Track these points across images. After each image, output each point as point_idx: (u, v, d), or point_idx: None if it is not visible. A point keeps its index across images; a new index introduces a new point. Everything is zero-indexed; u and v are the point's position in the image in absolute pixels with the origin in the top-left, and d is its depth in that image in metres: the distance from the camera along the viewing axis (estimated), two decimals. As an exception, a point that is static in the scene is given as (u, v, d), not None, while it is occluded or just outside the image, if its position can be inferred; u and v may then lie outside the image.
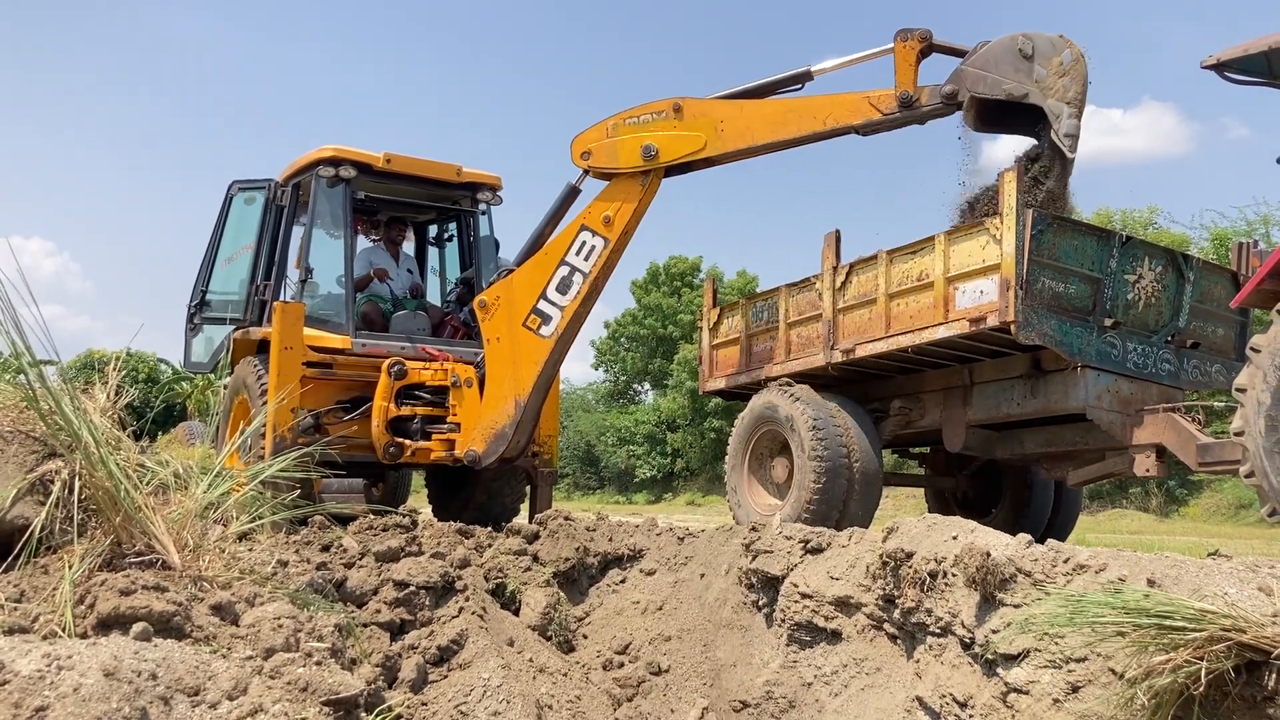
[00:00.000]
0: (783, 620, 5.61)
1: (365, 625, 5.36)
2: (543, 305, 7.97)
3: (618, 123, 7.76)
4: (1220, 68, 5.88)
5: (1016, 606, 4.05)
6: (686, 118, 7.53)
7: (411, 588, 5.83)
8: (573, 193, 8.14)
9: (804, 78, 7.48)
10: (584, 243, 7.83)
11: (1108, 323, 6.51)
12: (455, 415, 8.46)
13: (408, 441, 8.45)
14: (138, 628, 3.15)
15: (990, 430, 7.48)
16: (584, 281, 7.82)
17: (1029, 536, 4.43)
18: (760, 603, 5.89)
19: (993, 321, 6.25)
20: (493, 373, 8.28)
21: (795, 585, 5.57)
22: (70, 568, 3.55)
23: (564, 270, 7.88)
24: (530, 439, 8.58)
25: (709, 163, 7.75)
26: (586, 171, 7.94)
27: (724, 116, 7.42)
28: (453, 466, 8.66)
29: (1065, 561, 4.07)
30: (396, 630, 5.69)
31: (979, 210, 6.87)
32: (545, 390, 8.32)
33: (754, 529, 6.25)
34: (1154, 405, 6.51)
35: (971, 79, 6.61)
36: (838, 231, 7.65)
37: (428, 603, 5.83)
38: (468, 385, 8.38)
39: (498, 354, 8.22)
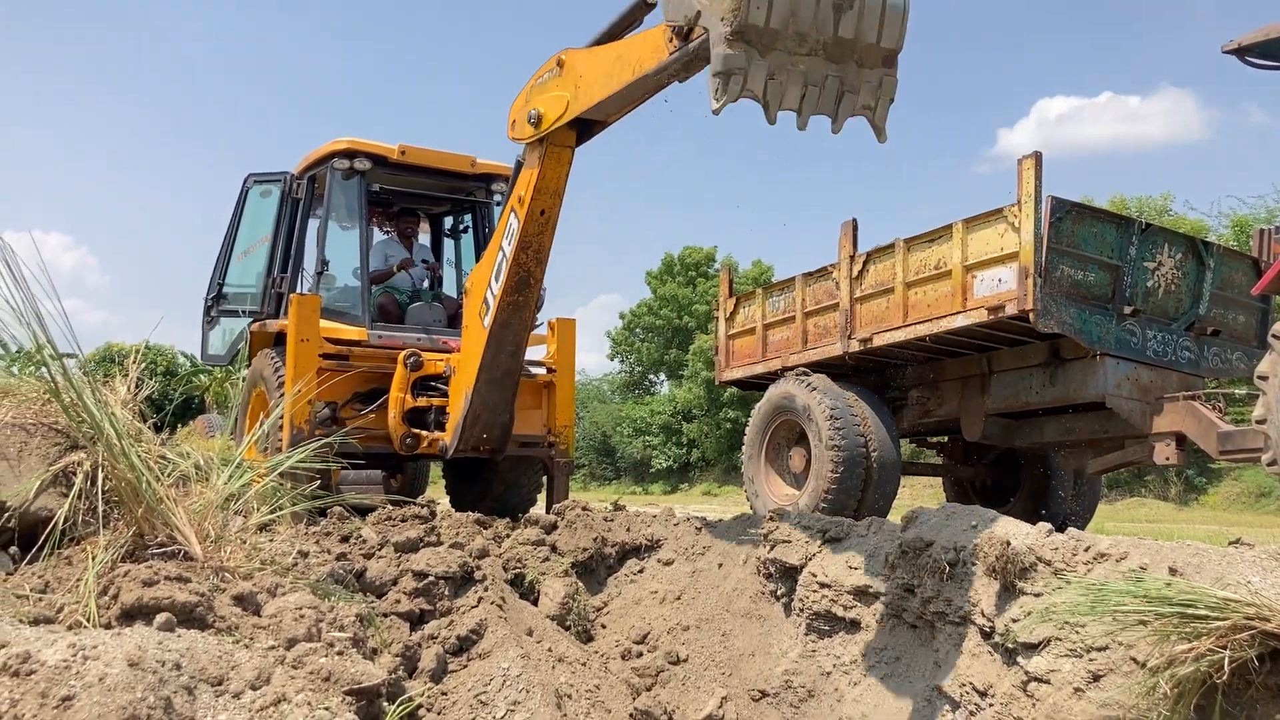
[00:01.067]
0: (801, 610, 5.61)
1: (385, 615, 5.38)
2: (487, 294, 7.47)
3: (531, 85, 6.63)
4: (1241, 52, 5.83)
5: (1037, 595, 4.04)
6: (565, 73, 6.28)
7: (431, 578, 5.84)
8: (519, 169, 7.16)
9: (641, 9, 5.84)
10: (509, 225, 7.13)
11: (1127, 310, 6.47)
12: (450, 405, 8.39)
13: (424, 433, 8.45)
14: (161, 618, 3.17)
15: (1009, 419, 7.46)
16: (505, 265, 7.12)
17: (1049, 525, 4.43)
18: (778, 592, 5.89)
19: (1011, 310, 6.22)
20: (461, 362, 8.10)
21: (813, 575, 5.56)
22: (94, 559, 3.58)
23: (499, 255, 7.29)
24: (507, 432, 8.25)
25: (593, 124, 6.51)
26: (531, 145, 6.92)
27: (582, 70, 6.12)
28: (469, 458, 8.64)
29: (1086, 550, 4.06)
30: (416, 620, 5.71)
31: None
32: (500, 384, 7.80)
33: (772, 518, 6.25)
34: (1174, 393, 6.47)
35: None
36: (854, 220, 7.63)
37: (447, 593, 5.85)
38: (452, 374, 8.33)
39: (465, 343, 8.03)
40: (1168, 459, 6.45)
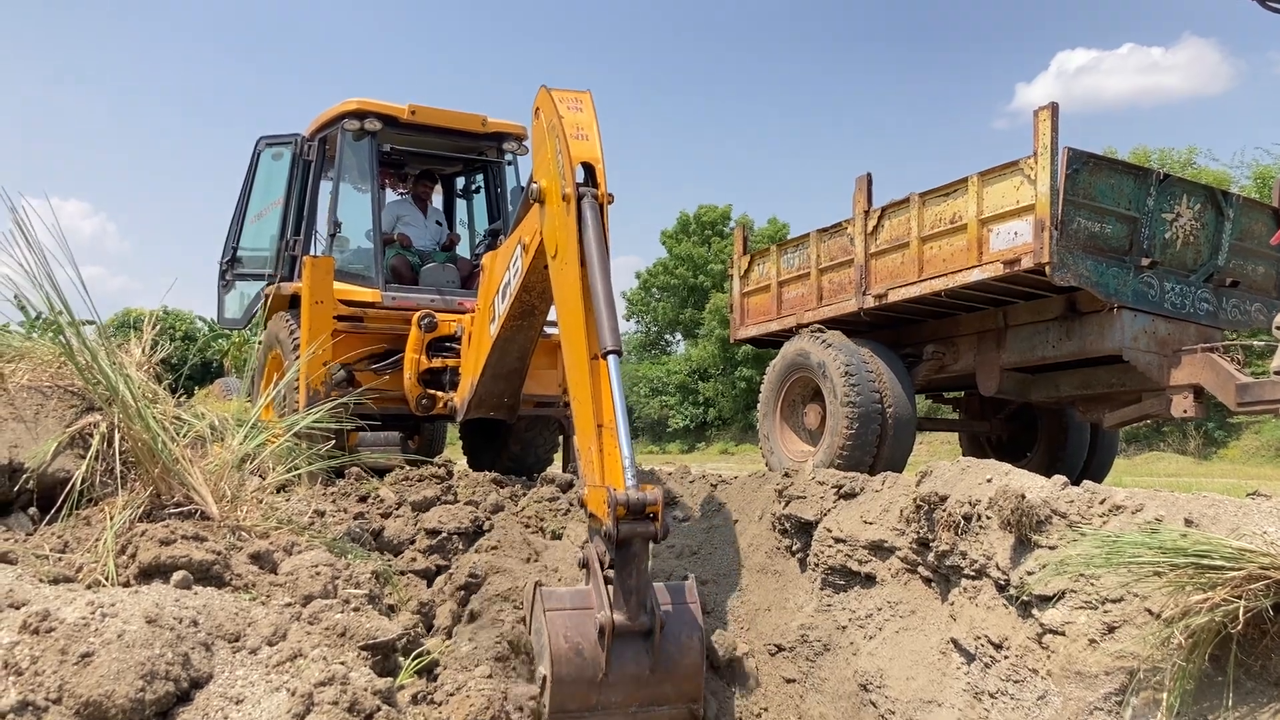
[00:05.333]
0: (816, 565, 5.63)
1: (403, 573, 5.42)
2: (495, 303, 7.29)
3: (546, 124, 5.99)
4: None
5: (1052, 548, 4.04)
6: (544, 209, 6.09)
7: (443, 534, 5.89)
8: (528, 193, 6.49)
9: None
10: (514, 257, 6.82)
11: (1145, 262, 6.39)
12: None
13: (440, 393, 8.48)
14: (178, 576, 3.20)
15: (1025, 373, 7.40)
16: (510, 293, 6.92)
17: (1064, 478, 4.40)
18: (794, 548, 5.91)
19: (1027, 263, 6.15)
20: (471, 337, 8.06)
21: (829, 530, 5.57)
22: (111, 519, 3.62)
23: (505, 278, 7.04)
24: (513, 410, 8.32)
25: None
26: None
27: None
28: (485, 418, 8.66)
29: (1101, 502, 4.04)
30: (432, 577, 5.76)
31: None
32: (506, 379, 7.85)
33: (787, 475, 6.25)
34: (1192, 345, 6.41)
35: None
36: (869, 175, 7.54)
37: (460, 547, 5.90)
38: (463, 334, 8.33)
39: (476, 324, 7.96)
40: (1185, 412, 6.40)
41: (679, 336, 50.36)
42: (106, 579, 3.32)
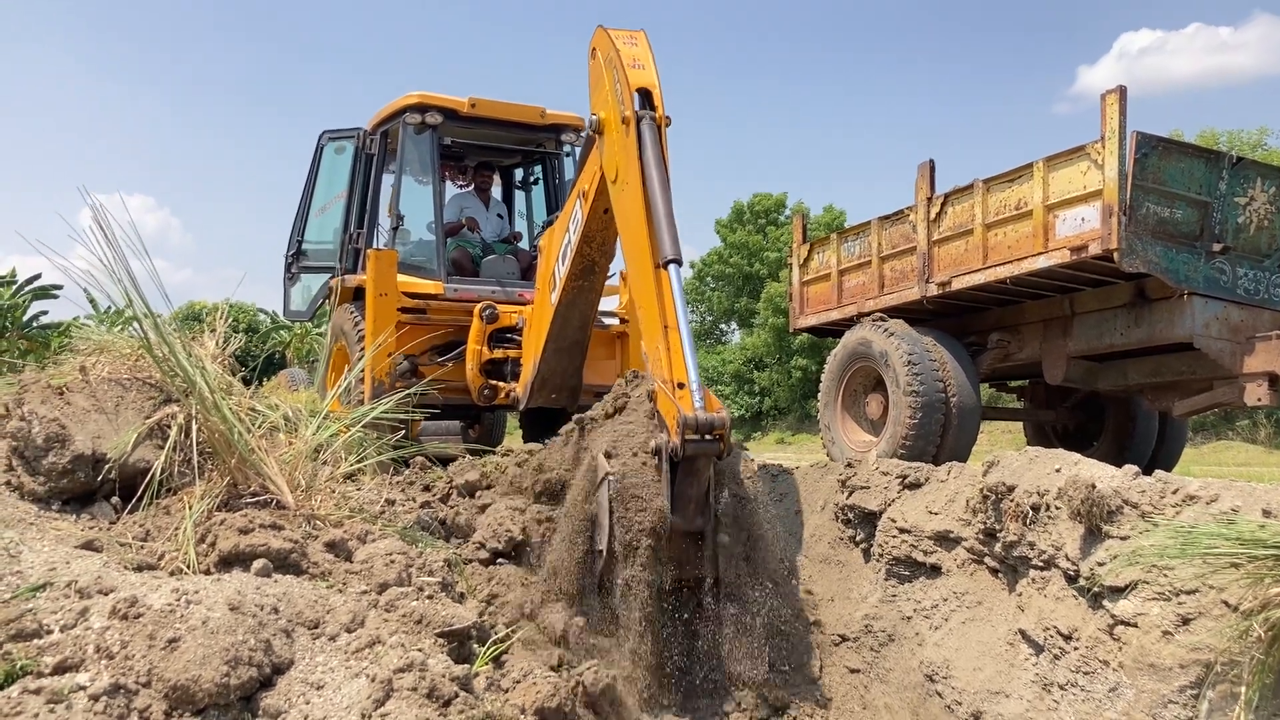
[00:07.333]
0: (880, 555, 5.61)
1: (468, 561, 5.49)
2: (555, 270, 7.38)
3: (604, 67, 6.34)
4: None
5: (1123, 539, 3.99)
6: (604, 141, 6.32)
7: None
8: (588, 149, 6.86)
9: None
10: (574, 213, 6.95)
11: (1216, 248, 6.26)
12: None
13: (501, 383, 8.56)
14: (258, 564, 3.28)
15: (1092, 361, 7.29)
16: (570, 252, 7.05)
17: (1136, 468, 4.34)
18: (857, 538, 5.89)
19: (1095, 250, 6.06)
20: (531, 323, 8.14)
21: (893, 520, 5.55)
22: (190, 508, 3.71)
23: (565, 239, 7.16)
24: (576, 394, 8.29)
25: None
26: None
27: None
28: (544, 407, 8.72)
29: (1174, 493, 3.99)
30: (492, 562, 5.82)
31: None
32: (568, 353, 7.86)
33: (850, 465, 6.23)
34: (1266, 332, 6.27)
35: None
36: (932, 161, 7.46)
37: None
38: (524, 326, 8.40)
39: (535, 309, 8.05)
40: (1260, 400, 6.27)
41: (734, 326, 50.18)
42: (188, 566, 3.41)
